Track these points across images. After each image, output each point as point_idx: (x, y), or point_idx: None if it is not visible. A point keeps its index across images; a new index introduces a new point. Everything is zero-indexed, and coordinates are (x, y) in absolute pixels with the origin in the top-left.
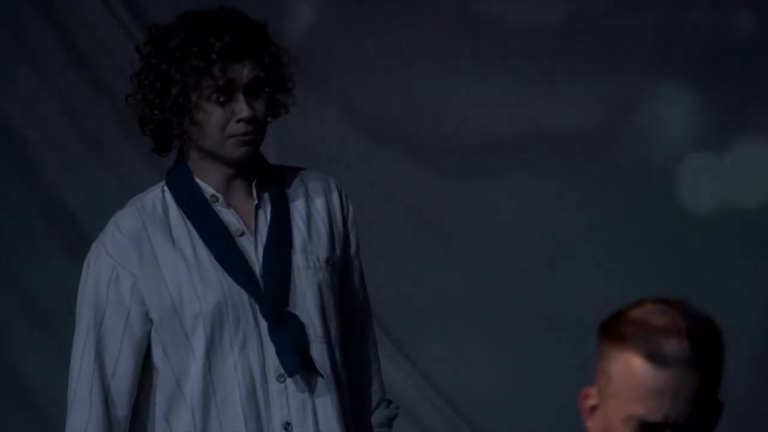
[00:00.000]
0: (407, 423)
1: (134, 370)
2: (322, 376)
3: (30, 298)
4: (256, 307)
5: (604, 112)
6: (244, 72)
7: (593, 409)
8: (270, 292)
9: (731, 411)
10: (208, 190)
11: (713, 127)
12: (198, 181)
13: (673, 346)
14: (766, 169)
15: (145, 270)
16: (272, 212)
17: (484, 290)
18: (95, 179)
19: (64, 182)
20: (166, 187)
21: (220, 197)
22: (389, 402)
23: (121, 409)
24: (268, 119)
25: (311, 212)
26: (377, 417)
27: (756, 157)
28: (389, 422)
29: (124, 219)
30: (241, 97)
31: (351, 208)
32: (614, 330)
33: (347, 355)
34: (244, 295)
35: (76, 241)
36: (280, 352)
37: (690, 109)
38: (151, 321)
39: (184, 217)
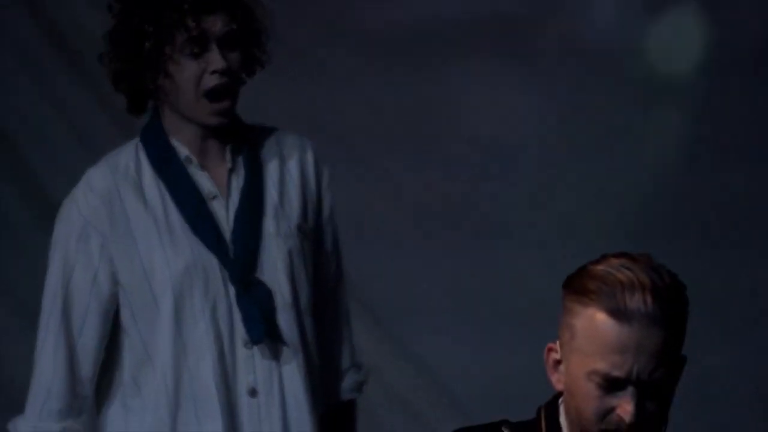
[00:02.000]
0: (408, 421)
1: (101, 331)
2: (288, 345)
3: (24, 304)
4: (226, 272)
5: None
6: (217, 24)
7: (557, 363)
8: (239, 258)
9: None
10: (183, 151)
11: None
12: (173, 140)
13: (636, 301)
14: None
15: (115, 231)
16: (245, 177)
17: (484, 286)
18: None
19: (59, 184)
20: (140, 145)
21: (194, 159)
22: (359, 367)
23: (87, 368)
24: (243, 76)
25: (284, 178)
26: (347, 382)
27: None
28: (359, 387)
29: (97, 177)
30: (214, 48)
31: (326, 173)
32: (578, 285)
33: (318, 320)
34: (214, 260)
35: None
36: (246, 320)
37: None
38: (119, 282)
39: (157, 177)
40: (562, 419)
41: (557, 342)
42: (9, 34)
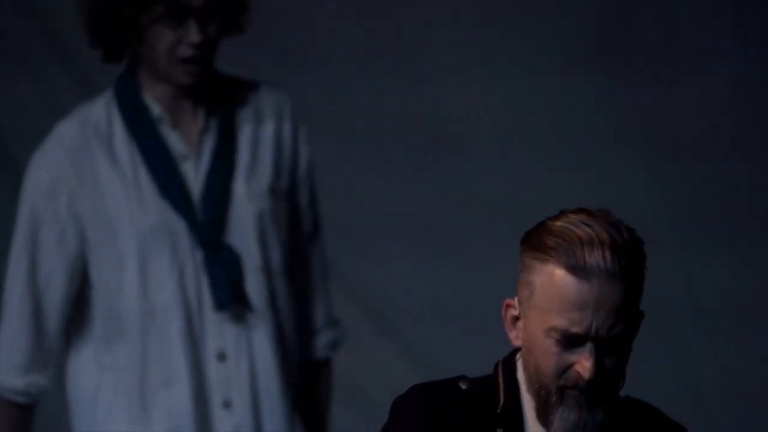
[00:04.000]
0: None
1: (68, 286)
2: (258, 310)
3: None
4: (195, 235)
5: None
6: None
7: (515, 319)
8: (207, 221)
9: None
10: (155, 109)
11: None
12: (146, 97)
13: (595, 257)
14: None
15: (83, 187)
16: (217, 137)
17: (483, 284)
18: None
19: None
20: (114, 98)
21: (166, 117)
22: (334, 324)
23: (53, 323)
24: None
25: (258, 136)
26: (320, 339)
27: None
28: (334, 345)
29: (66, 132)
30: (192, 21)
31: (303, 128)
32: (537, 241)
33: (292, 279)
34: (183, 223)
35: None
36: (212, 285)
37: None
38: (87, 239)
39: (129, 135)
40: (520, 374)
41: (515, 298)
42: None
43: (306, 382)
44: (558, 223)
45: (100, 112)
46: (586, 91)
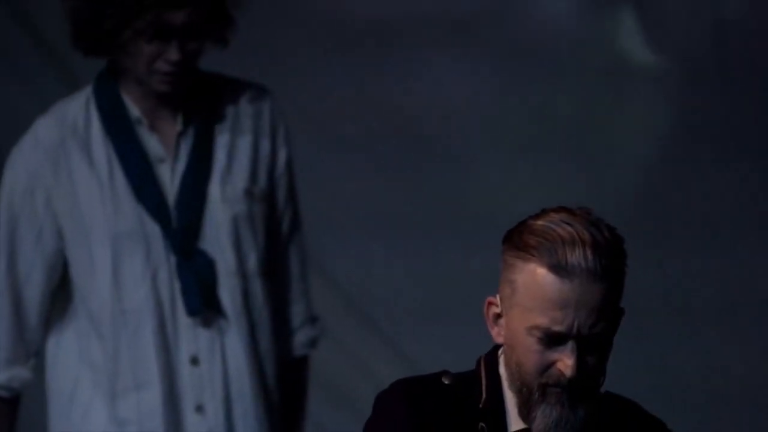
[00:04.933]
0: None
1: (46, 282)
2: (231, 314)
3: None
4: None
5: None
6: (179, 17)
7: (498, 316)
8: (180, 226)
9: None
10: (133, 110)
11: None
12: (125, 98)
13: (577, 257)
14: None
15: (60, 185)
16: (193, 141)
17: (467, 281)
18: None
19: None
20: (92, 97)
21: (145, 120)
22: (313, 321)
23: (34, 318)
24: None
25: (236, 140)
26: (299, 337)
27: None
28: (312, 342)
29: (44, 130)
30: (173, 39)
31: (282, 128)
32: (519, 240)
33: (271, 278)
34: (157, 228)
35: None
36: (184, 291)
37: None
38: (64, 237)
39: (106, 136)
40: (502, 370)
41: (497, 296)
42: None
43: (284, 378)
44: (539, 222)
45: (79, 110)
46: (568, 90)
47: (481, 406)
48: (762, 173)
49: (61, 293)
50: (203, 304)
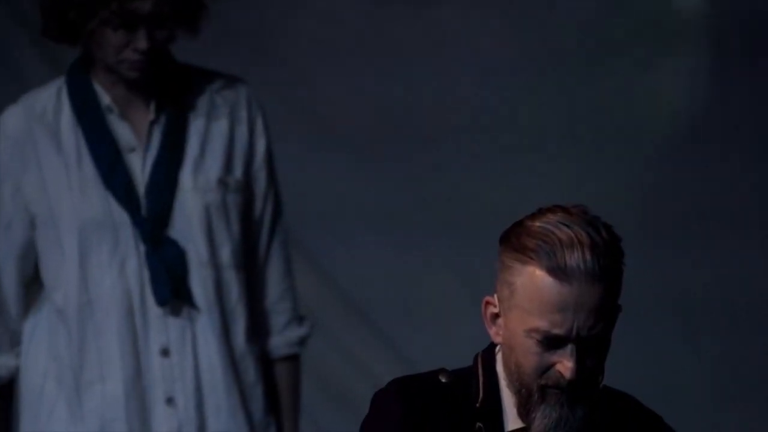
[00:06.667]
0: None
1: (19, 273)
2: (202, 305)
3: None
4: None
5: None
6: (147, 5)
7: (496, 316)
8: (150, 215)
9: None
10: (105, 98)
11: None
12: (96, 86)
13: (576, 259)
14: None
15: (28, 175)
16: (165, 129)
17: (462, 278)
18: None
19: None
20: (64, 86)
21: (115, 108)
22: (302, 320)
23: (13, 306)
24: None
25: (210, 129)
26: (287, 336)
27: None
28: (300, 341)
29: (10, 120)
30: (141, 28)
31: (260, 118)
32: (517, 242)
33: (251, 274)
34: (126, 215)
35: None
36: (153, 281)
37: None
38: (35, 226)
39: (76, 124)
40: (499, 368)
41: (495, 296)
42: None
43: (273, 377)
44: (537, 224)
45: (49, 98)
46: (563, 89)
47: (478, 405)
48: (762, 173)
49: (34, 285)
50: (172, 294)
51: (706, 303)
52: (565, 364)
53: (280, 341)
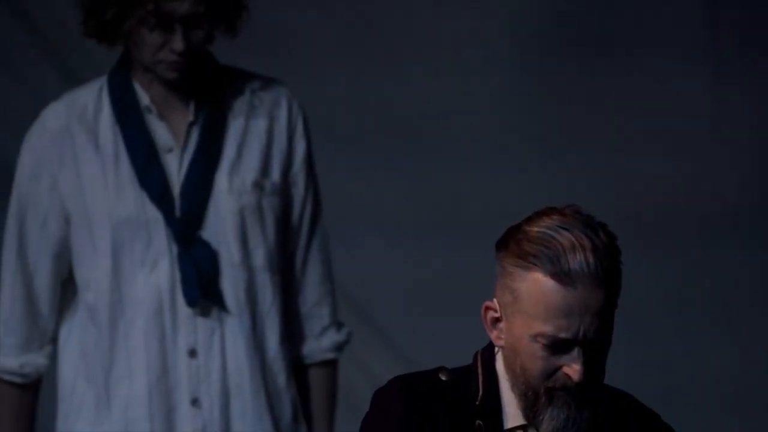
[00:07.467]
0: None
1: (54, 269)
2: (233, 307)
3: None
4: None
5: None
6: (184, 6)
7: (496, 320)
8: (183, 215)
9: None
10: (144, 98)
11: None
12: (136, 86)
13: (579, 263)
14: None
15: (65, 171)
16: (202, 130)
17: (463, 277)
18: None
19: None
20: (106, 85)
21: (154, 108)
22: (340, 325)
23: (45, 304)
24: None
25: (249, 131)
26: (324, 342)
27: None
28: (339, 347)
29: (51, 115)
30: (177, 28)
31: (300, 121)
32: (517, 248)
33: (286, 276)
34: (160, 215)
35: None
36: (183, 281)
37: None
38: (70, 222)
39: (116, 123)
40: (499, 366)
41: (494, 300)
42: None
43: (308, 383)
44: (536, 229)
45: (90, 96)
46: (563, 89)
47: (477, 402)
48: (762, 173)
49: (70, 284)
50: (202, 294)
51: (705, 303)
52: (572, 367)
53: (316, 346)
